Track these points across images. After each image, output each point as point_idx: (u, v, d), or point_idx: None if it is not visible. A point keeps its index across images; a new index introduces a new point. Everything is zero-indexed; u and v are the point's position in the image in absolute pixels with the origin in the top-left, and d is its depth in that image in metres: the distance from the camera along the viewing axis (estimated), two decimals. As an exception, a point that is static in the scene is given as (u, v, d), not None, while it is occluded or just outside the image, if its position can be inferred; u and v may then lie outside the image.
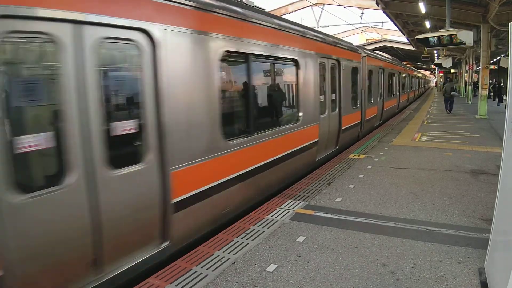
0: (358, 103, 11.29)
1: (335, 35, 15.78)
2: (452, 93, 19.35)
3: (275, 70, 6.87)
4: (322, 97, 8.21)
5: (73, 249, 2.99)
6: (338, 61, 9.14)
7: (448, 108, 19.34)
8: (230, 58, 5.23)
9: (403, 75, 23.25)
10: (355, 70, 10.76)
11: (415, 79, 35.98)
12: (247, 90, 5.52)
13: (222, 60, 4.74)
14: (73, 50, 2.97)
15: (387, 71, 16.67)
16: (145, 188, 3.62)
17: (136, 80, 3.64)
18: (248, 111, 5.52)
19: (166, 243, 3.88)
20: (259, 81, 6.32)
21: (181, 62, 4.07)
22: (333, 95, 8.95)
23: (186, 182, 4.10)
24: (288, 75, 7.08)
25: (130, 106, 3.75)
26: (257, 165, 5.51)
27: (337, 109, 9.17)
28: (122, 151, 3.63)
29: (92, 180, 3.14)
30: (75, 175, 3.01)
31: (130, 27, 3.43)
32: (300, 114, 7.02)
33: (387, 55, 18.23)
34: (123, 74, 3.80)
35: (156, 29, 3.66)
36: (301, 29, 7.35)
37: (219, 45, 4.66)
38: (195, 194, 4.23)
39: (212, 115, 4.54)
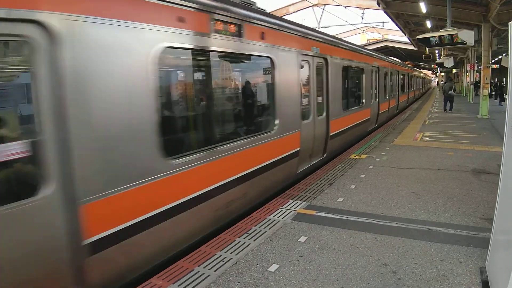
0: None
1: (336, 35, 15.49)
2: (449, 92, 19.52)
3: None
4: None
5: None
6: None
7: (448, 107, 19.47)
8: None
9: (402, 75, 22.07)
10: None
11: (416, 79, 34.20)
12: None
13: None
14: None
15: (384, 71, 15.53)
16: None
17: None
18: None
19: None
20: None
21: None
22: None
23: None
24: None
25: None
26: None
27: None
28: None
29: None
30: None
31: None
32: (276, 121, 5.94)
33: (379, 55, 16.66)
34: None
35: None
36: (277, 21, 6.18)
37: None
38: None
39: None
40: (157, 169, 3.67)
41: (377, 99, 13.93)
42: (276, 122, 5.92)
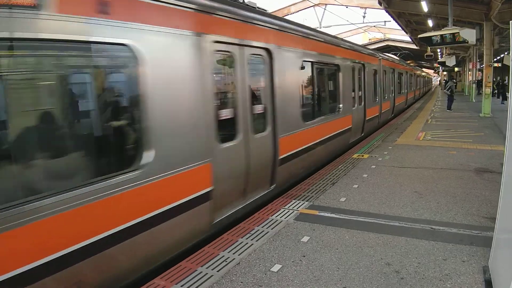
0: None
1: (337, 35, 15.25)
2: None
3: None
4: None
5: None
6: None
7: (447, 106, 19.68)
8: None
9: (388, 72, 15.89)
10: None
11: (413, 78, 27.43)
12: None
13: None
14: None
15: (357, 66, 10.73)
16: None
17: None
18: None
19: None
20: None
21: None
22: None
23: None
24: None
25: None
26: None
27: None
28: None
29: None
30: None
31: None
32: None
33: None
34: None
35: None
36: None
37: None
38: None
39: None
40: None
41: (311, 120, 7.34)
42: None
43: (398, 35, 35.47)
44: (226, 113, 4.81)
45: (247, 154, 5.15)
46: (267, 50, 5.62)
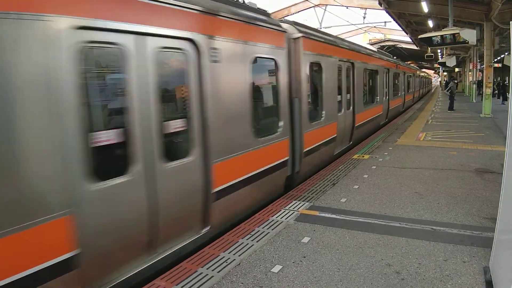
0: None
1: (338, 36, 14.81)
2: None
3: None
4: None
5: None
6: None
7: (449, 106, 19.71)
8: None
9: (331, 68, 8.43)
10: None
11: (401, 78, 20.32)
12: None
13: None
14: None
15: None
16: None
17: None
18: None
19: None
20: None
21: None
22: None
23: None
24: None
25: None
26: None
27: None
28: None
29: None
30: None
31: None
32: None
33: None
34: None
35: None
36: None
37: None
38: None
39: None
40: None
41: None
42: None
43: (399, 35, 35.43)
44: None
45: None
46: None
